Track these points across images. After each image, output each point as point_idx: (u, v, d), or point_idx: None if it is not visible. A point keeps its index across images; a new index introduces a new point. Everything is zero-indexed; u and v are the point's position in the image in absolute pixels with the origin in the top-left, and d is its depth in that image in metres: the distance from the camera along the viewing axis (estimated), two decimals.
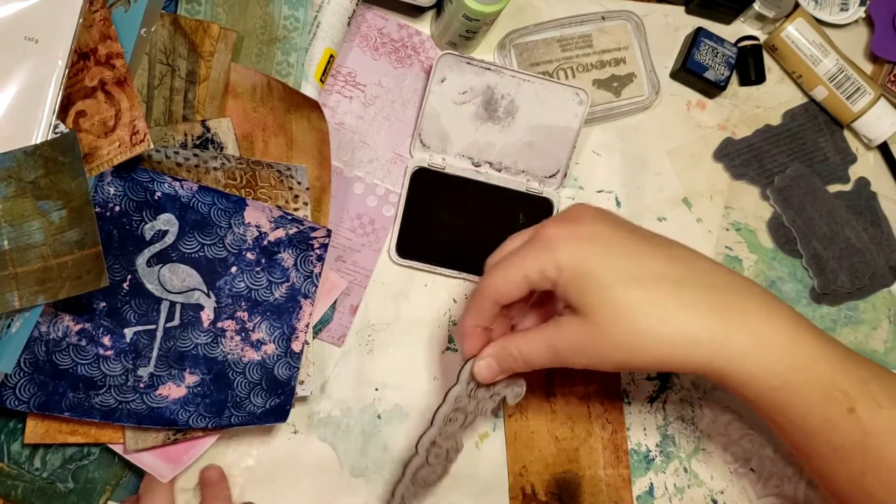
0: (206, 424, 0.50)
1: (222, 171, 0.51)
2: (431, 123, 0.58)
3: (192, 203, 0.51)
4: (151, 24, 0.51)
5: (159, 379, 0.50)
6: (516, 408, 0.57)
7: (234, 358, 0.52)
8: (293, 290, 0.53)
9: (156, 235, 0.50)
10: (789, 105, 0.67)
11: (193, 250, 0.51)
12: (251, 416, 0.51)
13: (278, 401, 0.51)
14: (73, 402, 0.48)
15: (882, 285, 0.65)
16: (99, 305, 0.49)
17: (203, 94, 0.52)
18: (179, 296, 0.51)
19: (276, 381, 0.52)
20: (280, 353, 0.52)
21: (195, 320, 0.51)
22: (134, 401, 0.49)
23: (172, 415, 0.50)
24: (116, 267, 0.50)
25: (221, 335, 0.52)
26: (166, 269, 0.51)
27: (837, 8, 0.67)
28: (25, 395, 0.47)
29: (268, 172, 0.52)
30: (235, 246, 0.52)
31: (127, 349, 0.50)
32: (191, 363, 0.51)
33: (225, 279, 0.52)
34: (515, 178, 0.60)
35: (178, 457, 0.51)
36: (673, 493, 0.59)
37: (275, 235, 0.52)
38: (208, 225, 0.51)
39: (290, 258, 0.52)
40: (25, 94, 0.46)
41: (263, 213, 0.52)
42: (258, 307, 0.52)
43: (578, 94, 0.59)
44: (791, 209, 0.65)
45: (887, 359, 0.64)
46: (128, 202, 0.50)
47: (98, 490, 0.50)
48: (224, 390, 0.51)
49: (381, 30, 0.60)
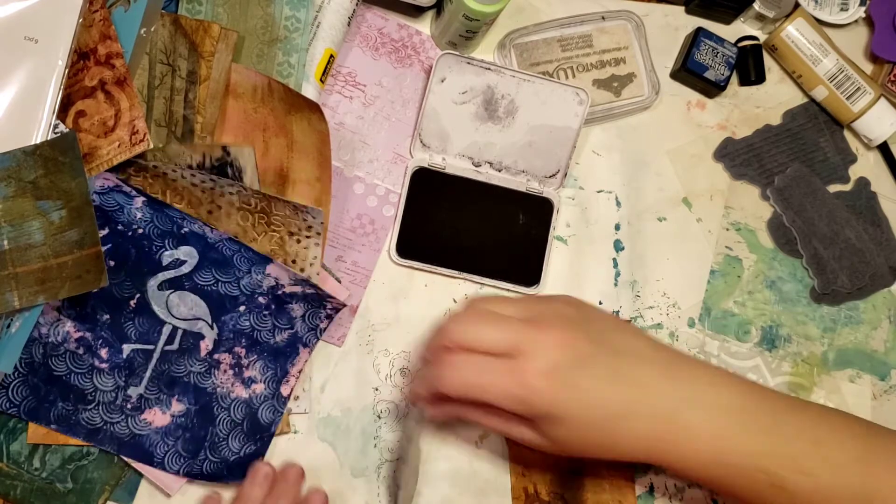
0: (178, 467, 0.50)
1: (237, 196, 0.51)
2: (431, 123, 0.58)
3: (218, 246, 0.51)
4: (151, 24, 0.51)
5: (147, 402, 0.50)
6: None
7: (223, 391, 0.52)
8: (295, 337, 0.53)
9: (173, 263, 0.51)
10: (789, 105, 0.67)
11: (207, 283, 0.51)
12: (223, 464, 0.51)
13: (254, 448, 0.52)
14: (61, 414, 0.48)
15: (882, 285, 0.65)
16: (103, 317, 0.50)
17: (203, 94, 0.52)
18: (183, 322, 0.51)
19: (258, 425, 0.52)
20: (268, 395, 0.52)
21: (193, 348, 0.51)
22: (119, 423, 0.50)
23: (151, 447, 0.50)
24: (128, 284, 0.50)
25: (216, 367, 0.52)
26: (175, 296, 0.51)
27: (837, 8, 0.67)
28: (17, 398, 0.47)
29: (283, 206, 0.52)
30: (249, 288, 0.52)
31: (122, 365, 0.50)
32: (180, 390, 0.51)
33: (231, 315, 0.52)
34: (515, 178, 0.60)
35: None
36: (673, 493, 0.58)
37: (291, 289, 0.52)
38: (228, 266, 0.52)
39: (300, 310, 0.53)
40: (25, 94, 0.46)
41: (286, 272, 0.52)
42: (257, 346, 0.52)
43: (578, 93, 0.59)
44: (791, 209, 0.65)
45: (887, 359, 0.64)
46: (153, 229, 0.50)
47: (97, 490, 0.50)
48: (205, 426, 0.51)
49: (381, 30, 0.60)
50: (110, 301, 0.50)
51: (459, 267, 0.58)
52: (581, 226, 0.61)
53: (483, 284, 0.59)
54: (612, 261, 0.61)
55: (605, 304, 0.61)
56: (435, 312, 0.58)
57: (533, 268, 0.59)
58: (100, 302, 0.49)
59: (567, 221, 0.61)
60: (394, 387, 0.56)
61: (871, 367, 0.64)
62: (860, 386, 0.63)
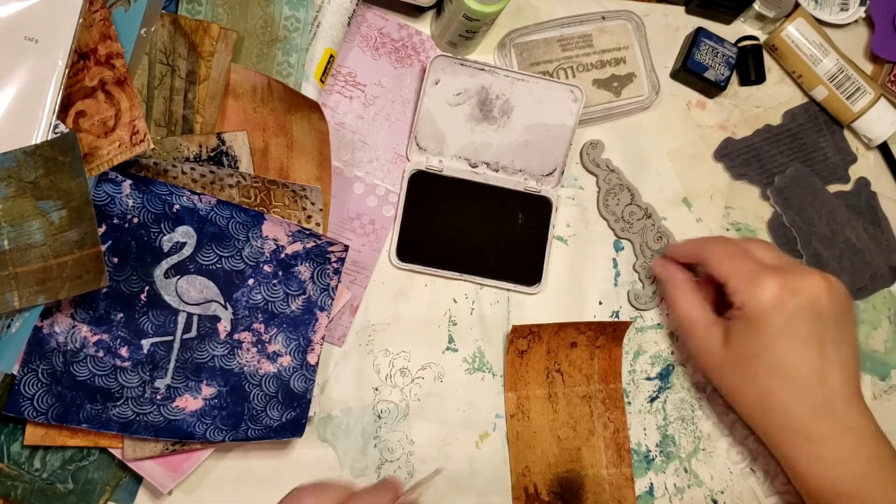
0: (222, 438, 0.50)
1: (237, 189, 0.51)
2: (427, 126, 0.58)
3: (211, 216, 0.51)
4: (151, 24, 0.51)
5: (176, 391, 0.50)
6: (518, 408, 0.57)
7: (251, 370, 0.51)
8: (309, 302, 0.53)
9: (174, 247, 0.50)
10: (789, 105, 0.67)
11: (211, 262, 0.51)
12: (267, 430, 0.51)
13: (294, 414, 0.51)
14: (91, 414, 0.48)
15: (882, 285, 0.65)
16: (116, 316, 0.49)
17: (203, 94, 0.52)
18: (197, 307, 0.51)
19: (293, 394, 0.52)
20: (296, 366, 0.52)
21: (212, 332, 0.51)
22: (151, 413, 0.49)
23: (189, 427, 0.50)
24: (134, 278, 0.50)
25: (238, 347, 0.52)
26: (184, 281, 0.51)
27: (837, 8, 0.67)
28: (43, 406, 0.47)
29: (282, 192, 0.52)
30: (253, 258, 0.52)
31: (144, 360, 0.50)
32: (207, 375, 0.51)
33: (242, 291, 0.52)
34: (513, 177, 0.60)
35: (177, 465, 0.50)
36: (673, 493, 0.58)
37: (292, 249, 0.52)
38: (226, 237, 0.51)
39: (307, 271, 0.52)
40: (25, 94, 0.45)
41: (281, 227, 0.52)
42: (275, 319, 0.52)
43: (573, 91, 0.59)
44: (791, 209, 0.65)
45: (887, 359, 0.64)
46: (146, 214, 0.50)
47: (98, 491, 0.50)
48: (240, 402, 0.51)
49: (381, 30, 0.60)
50: (121, 299, 0.49)
51: (460, 268, 0.58)
52: (581, 226, 0.61)
53: (483, 285, 0.59)
54: (612, 261, 0.61)
55: (605, 304, 0.61)
56: (435, 312, 0.58)
57: (534, 267, 0.59)
58: (111, 302, 0.49)
59: (567, 221, 0.61)
60: (394, 387, 0.56)
61: (871, 367, 0.64)
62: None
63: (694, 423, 0.60)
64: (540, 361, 0.58)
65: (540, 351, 0.57)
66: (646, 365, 0.60)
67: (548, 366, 0.58)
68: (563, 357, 0.58)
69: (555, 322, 0.57)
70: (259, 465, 0.53)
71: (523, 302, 0.59)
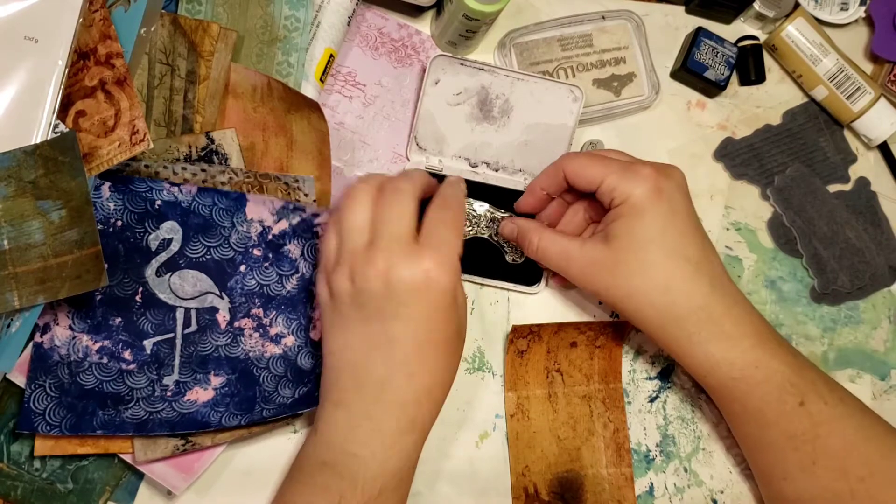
0: (238, 422, 0.50)
1: (230, 186, 0.51)
2: (427, 126, 0.58)
3: (193, 207, 0.51)
4: (151, 23, 0.51)
5: (185, 385, 0.50)
6: (518, 408, 0.57)
7: (256, 355, 0.52)
8: (303, 280, 0.53)
9: (161, 245, 0.50)
10: (789, 105, 0.67)
11: (200, 254, 0.51)
12: (282, 408, 0.51)
13: (306, 388, 0.52)
14: (104, 420, 0.48)
15: (882, 285, 0.65)
16: (115, 321, 0.49)
17: (203, 93, 0.52)
18: (193, 301, 0.51)
19: (301, 371, 0.52)
20: (301, 344, 0.52)
21: (212, 323, 0.51)
22: (164, 409, 0.49)
23: (204, 418, 0.50)
24: (126, 281, 0.50)
25: (240, 334, 0.52)
26: (176, 277, 0.51)
27: (837, 8, 0.67)
28: (56, 419, 0.47)
29: (275, 185, 0.52)
30: (241, 244, 0.52)
31: (149, 360, 0.50)
32: (214, 365, 0.51)
33: (235, 279, 0.52)
34: (513, 177, 0.60)
35: (189, 466, 0.50)
36: (673, 493, 0.58)
37: (279, 228, 0.52)
38: (211, 227, 0.51)
39: (297, 249, 0.53)
40: (25, 93, 0.45)
41: (265, 205, 0.52)
42: (272, 302, 0.52)
43: (573, 90, 0.59)
44: (791, 209, 0.65)
45: (887, 359, 0.64)
46: (129, 215, 0.50)
47: (98, 491, 0.50)
48: (251, 387, 0.51)
49: (381, 29, 0.60)
50: (117, 303, 0.50)
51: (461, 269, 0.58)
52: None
53: (484, 285, 0.59)
54: None
55: (605, 304, 0.61)
56: None
57: (534, 267, 0.59)
58: (107, 307, 0.49)
59: None
60: None
61: (871, 367, 0.64)
62: (860, 386, 0.63)
63: (694, 423, 0.60)
64: (540, 361, 0.58)
65: (540, 351, 0.57)
66: (646, 364, 0.60)
67: (548, 366, 0.58)
68: (563, 357, 0.58)
69: (555, 322, 0.57)
70: (259, 465, 0.53)
71: (523, 302, 0.59)
